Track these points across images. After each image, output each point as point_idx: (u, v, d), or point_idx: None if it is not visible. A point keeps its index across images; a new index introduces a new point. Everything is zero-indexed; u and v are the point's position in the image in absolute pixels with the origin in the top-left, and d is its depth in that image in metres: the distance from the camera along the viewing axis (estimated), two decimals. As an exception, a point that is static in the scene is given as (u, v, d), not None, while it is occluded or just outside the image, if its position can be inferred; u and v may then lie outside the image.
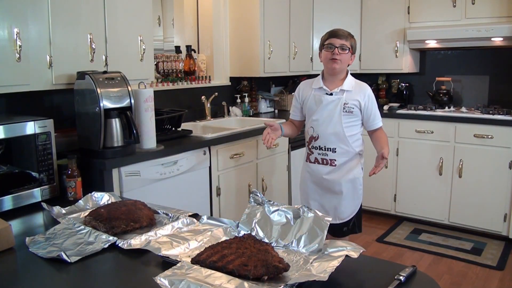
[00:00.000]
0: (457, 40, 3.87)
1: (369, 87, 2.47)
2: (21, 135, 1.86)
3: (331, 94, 2.39)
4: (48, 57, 2.16)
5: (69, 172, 1.92)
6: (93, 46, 2.34)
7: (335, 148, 2.39)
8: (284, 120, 3.43)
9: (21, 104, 2.37)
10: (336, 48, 2.33)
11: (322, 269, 1.09)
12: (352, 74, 2.50)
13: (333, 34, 2.37)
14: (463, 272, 3.19)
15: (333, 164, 2.41)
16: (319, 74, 2.49)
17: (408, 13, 4.13)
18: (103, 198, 1.75)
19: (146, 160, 2.37)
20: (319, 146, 2.43)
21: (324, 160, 2.43)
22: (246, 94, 3.92)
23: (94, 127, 2.19)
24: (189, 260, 1.20)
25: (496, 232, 3.66)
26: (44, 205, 1.72)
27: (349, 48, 2.36)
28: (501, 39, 3.69)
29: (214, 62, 3.79)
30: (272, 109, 4.35)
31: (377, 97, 4.68)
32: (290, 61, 4.07)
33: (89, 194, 1.75)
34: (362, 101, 2.38)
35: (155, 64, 3.28)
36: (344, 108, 2.36)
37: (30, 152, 1.89)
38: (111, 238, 1.37)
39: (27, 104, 2.39)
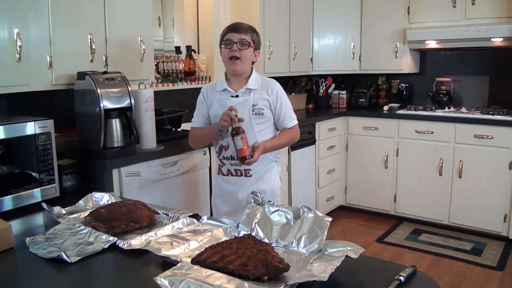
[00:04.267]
0: (457, 41, 3.87)
1: (277, 83, 2.16)
2: (21, 135, 1.86)
3: (237, 96, 2.09)
4: (48, 57, 2.16)
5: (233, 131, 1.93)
6: (93, 47, 2.34)
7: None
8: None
9: (21, 105, 2.38)
10: (235, 44, 2.02)
11: (322, 269, 1.09)
12: (352, 75, 2.47)
13: (231, 28, 2.07)
14: (463, 272, 3.19)
15: (247, 174, 2.11)
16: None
17: (408, 13, 4.14)
18: (103, 198, 1.74)
19: (146, 161, 2.37)
20: (231, 156, 2.10)
21: (238, 171, 2.12)
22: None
23: (94, 128, 2.19)
24: (189, 260, 1.20)
25: (496, 232, 3.66)
26: (44, 205, 1.71)
27: (249, 43, 2.04)
28: (501, 39, 3.69)
29: (214, 63, 3.79)
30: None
31: (377, 97, 4.69)
32: (290, 62, 4.07)
33: (89, 194, 1.75)
34: (270, 99, 2.09)
35: (155, 65, 3.28)
36: (253, 110, 2.06)
37: (30, 152, 1.90)
38: (111, 238, 1.37)
39: (27, 105, 2.39)
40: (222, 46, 2.08)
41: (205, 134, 2.17)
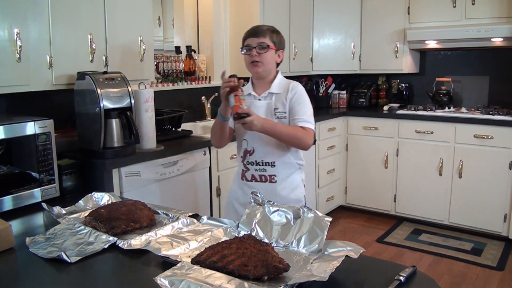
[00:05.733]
0: (457, 41, 3.87)
1: (300, 85, 2.07)
2: (21, 135, 1.86)
3: (260, 99, 2.05)
4: (48, 57, 2.16)
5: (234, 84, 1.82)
6: (93, 46, 2.34)
7: (273, 162, 2.02)
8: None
9: (21, 105, 2.38)
10: (254, 49, 1.98)
11: (322, 269, 1.09)
12: (352, 75, 2.46)
13: (249, 33, 2.02)
14: (463, 272, 3.19)
15: (272, 180, 2.04)
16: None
17: (408, 13, 4.14)
18: (103, 198, 1.74)
19: (146, 161, 2.37)
20: (255, 161, 2.03)
21: (263, 177, 2.05)
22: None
23: (94, 128, 2.19)
24: (189, 260, 1.20)
25: (496, 232, 3.66)
26: (44, 205, 1.71)
27: (268, 46, 1.98)
28: (501, 39, 3.70)
29: (214, 63, 3.79)
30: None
31: (377, 97, 4.69)
32: (290, 62, 4.07)
33: (89, 194, 1.75)
34: (288, 97, 2.01)
35: (155, 65, 3.28)
36: (275, 114, 2.01)
37: (30, 153, 1.90)
38: (111, 238, 1.37)
39: (27, 105, 2.39)
40: (243, 52, 2.03)
41: (214, 125, 2.08)
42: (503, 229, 3.61)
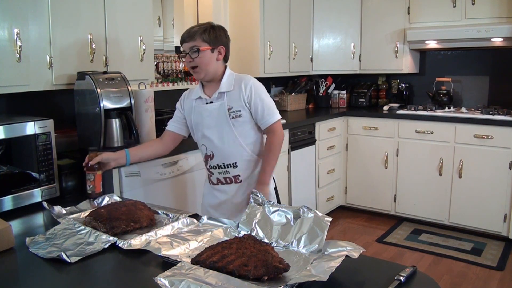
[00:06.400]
0: (457, 41, 3.87)
1: (252, 78, 1.98)
2: (22, 135, 1.86)
3: (211, 102, 1.96)
4: (48, 57, 2.16)
5: (89, 164, 1.85)
6: (93, 46, 2.34)
7: (235, 163, 1.98)
8: (284, 121, 3.44)
9: (21, 105, 2.38)
10: (187, 55, 1.90)
11: (322, 269, 1.09)
12: (352, 75, 2.46)
13: (182, 38, 1.93)
14: (463, 272, 3.19)
15: (238, 180, 2.01)
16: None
17: (408, 13, 4.14)
18: (103, 199, 1.75)
19: (146, 161, 2.37)
20: (217, 165, 2.00)
21: (227, 179, 2.02)
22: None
23: (94, 128, 2.19)
24: (189, 260, 1.20)
25: (496, 232, 3.66)
26: (45, 204, 1.72)
27: (199, 49, 1.88)
28: (501, 39, 3.70)
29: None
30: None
31: (377, 97, 4.69)
32: (290, 62, 4.07)
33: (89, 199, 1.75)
34: (244, 95, 1.92)
35: (155, 65, 3.28)
36: (229, 115, 1.93)
37: (30, 152, 1.89)
38: (111, 238, 1.37)
39: (27, 105, 2.39)
40: (182, 59, 1.97)
41: (146, 150, 2.12)
42: (503, 229, 3.61)
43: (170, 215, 1.58)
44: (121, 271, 1.27)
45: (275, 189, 2.16)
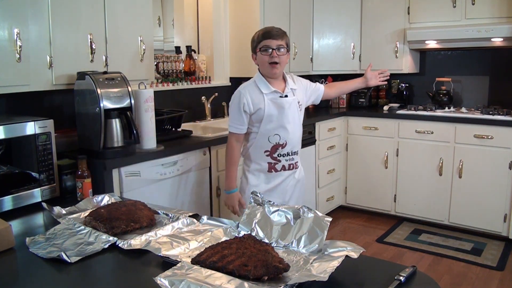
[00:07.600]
0: (457, 41, 3.87)
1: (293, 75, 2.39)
2: (22, 135, 1.86)
3: (286, 96, 2.21)
4: (48, 57, 2.16)
5: (79, 172, 1.92)
6: (93, 46, 2.34)
7: (297, 151, 2.32)
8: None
9: (21, 105, 2.38)
10: (274, 50, 2.11)
11: (322, 269, 1.09)
12: (352, 75, 2.50)
13: (267, 35, 2.13)
14: (463, 272, 3.19)
15: (296, 166, 2.33)
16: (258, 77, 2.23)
17: (408, 13, 4.13)
18: (103, 198, 1.75)
19: (146, 161, 2.37)
20: (287, 153, 2.26)
21: (291, 165, 2.30)
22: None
23: (94, 128, 2.19)
24: (189, 260, 1.20)
25: (496, 232, 3.66)
26: (44, 205, 1.72)
27: (287, 49, 2.16)
28: (501, 39, 3.69)
29: (214, 63, 3.79)
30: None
31: (377, 97, 4.71)
32: (290, 62, 4.07)
33: (89, 196, 1.75)
34: (303, 88, 2.33)
35: (155, 65, 3.28)
36: (299, 107, 2.26)
37: (30, 153, 1.90)
38: (111, 238, 1.37)
39: (27, 105, 2.39)
40: (261, 52, 2.14)
41: (228, 172, 2.28)
42: (503, 229, 3.61)
43: (170, 215, 1.58)
44: (121, 271, 1.27)
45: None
